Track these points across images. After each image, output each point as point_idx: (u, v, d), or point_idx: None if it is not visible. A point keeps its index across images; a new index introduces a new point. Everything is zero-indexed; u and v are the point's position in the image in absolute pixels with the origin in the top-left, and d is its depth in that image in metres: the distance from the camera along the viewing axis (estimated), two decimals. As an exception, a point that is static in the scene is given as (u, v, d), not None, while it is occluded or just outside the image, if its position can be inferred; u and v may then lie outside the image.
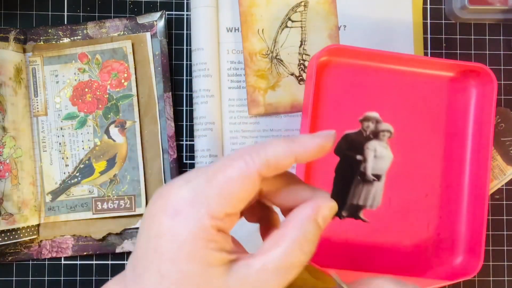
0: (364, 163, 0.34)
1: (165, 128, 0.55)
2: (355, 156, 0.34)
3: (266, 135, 0.56)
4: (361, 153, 0.34)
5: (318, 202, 0.32)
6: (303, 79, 0.56)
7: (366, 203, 0.34)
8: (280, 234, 0.31)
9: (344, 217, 0.34)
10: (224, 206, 0.30)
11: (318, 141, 0.32)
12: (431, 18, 0.58)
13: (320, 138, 0.32)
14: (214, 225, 0.30)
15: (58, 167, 0.55)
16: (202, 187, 0.30)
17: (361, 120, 0.34)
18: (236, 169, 0.30)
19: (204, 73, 0.54)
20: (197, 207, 0.30)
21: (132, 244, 0.54)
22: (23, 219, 0.53)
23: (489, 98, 0.52)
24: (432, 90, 0.53)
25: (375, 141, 0.34)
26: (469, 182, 0.53)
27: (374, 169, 0.34)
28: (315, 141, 0.32)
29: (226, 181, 0.30)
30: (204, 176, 0.31)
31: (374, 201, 0.35)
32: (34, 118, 0.55)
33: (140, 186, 0.54)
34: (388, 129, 0.33)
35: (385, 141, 0.34)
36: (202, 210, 0.30)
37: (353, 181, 0.34)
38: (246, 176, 0.30)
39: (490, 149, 0.51)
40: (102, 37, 0.55)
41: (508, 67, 0.59)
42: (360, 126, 0.34)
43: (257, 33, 0.56)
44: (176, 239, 0.29)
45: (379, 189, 0.34)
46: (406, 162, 0.52)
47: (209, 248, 0.30)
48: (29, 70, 0.55)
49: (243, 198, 0.30)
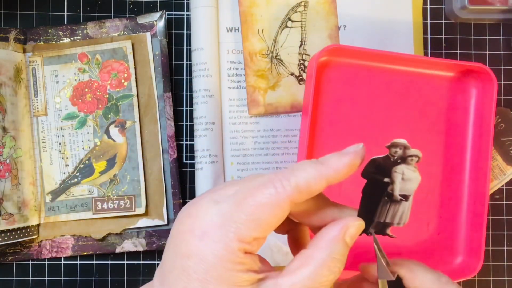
0: (391, 184, 0.34)
1: (165, 128, 0.55)
2: (382, 179, 0.34)
3: (266, 135, 0.56)
4: (389, 176, 0.34)
5: (346, 221, 0.32)
6: (303, 79, 0.56)
7: (393, 221, 0.35)
8: (308, 254, 0.31)
9: (371, 234, 0.35)
10: (253, 231, 0.30)
11: (347, 160, 0.32)
12: (431, 18, 0.58)
13: (349, 156, 0.32)
14: (242, 248, 0.30)
15: (58, 167, 0.55)
16: (231, 210, 0.30)
17: (388, 147, 0.34)
18: (266, 196, 0.30)
19: (204, 73, 0.54)
20: (225, 230, 0.30)
21: (132, 244, 0.54)
22: (23, 219, 0.53)
23: (489, 98, 0.52)
24: (432, 90, 0.53)
25: (403, 165, 0.34)
26: (469, 182, 0.53)
27: (401, 190, 0.34)
28: (345, 161, 0.32)
29: (256, 207, 0.30)
30: (233, 199, 0.31)
31: (401, 219, 0.35)
32: (34, 118, 0.55)
33: (140, 186, 0.54)
34: (417, 154, 0.34)
35: (413, 165, 0.34)
36: (230, 234, 0.30)
37: (380, 201, 0.35)
38: (276, 203, 0.30)
39: (490, 149, 0.51)
40: (102, 37, 0.55)
41: (508, 67, 0.59)
42: (388, 152, 0.34)
43: (257, 33, 0.56)
44: (204, 261, 0.30)
45: (406, 208, 0.35)
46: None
47: (237, 270, 0.30)
48: (29, 70, 0.55)
49: (272, 223, 0.31)
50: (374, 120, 0.52)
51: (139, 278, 0.55)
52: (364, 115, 0.52)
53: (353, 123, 0.52)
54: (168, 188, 0.54)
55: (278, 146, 0.56)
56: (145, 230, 0.54)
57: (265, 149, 0.56)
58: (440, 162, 0.54)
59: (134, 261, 0.55)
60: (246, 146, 0.56)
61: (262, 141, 0.56)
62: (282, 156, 0.56)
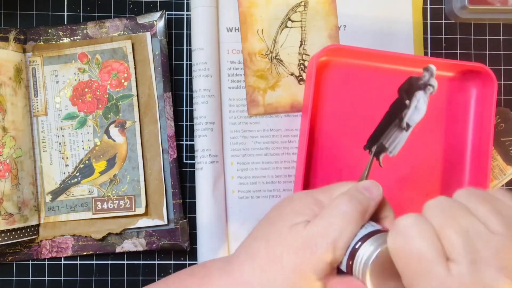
0: (406, 109, 0.38)
1: (165, 128, 0.55)
2: (405, 99, 0.38)
3: (266, 135, 0.56)
4: (410, 99, 0.38)
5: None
6: (303, 79, 0.56)
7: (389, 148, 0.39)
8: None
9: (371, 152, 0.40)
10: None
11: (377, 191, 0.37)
12: (431, 18, 0.58)
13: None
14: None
15: (58, 167, 0.55)
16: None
17: (424, 69, 0.38)
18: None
19: (204, 73, 0.54)
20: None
21: (132, 244, 0.54)
22: (23, 219, 0.53)
23: (489, 98, 0.52)
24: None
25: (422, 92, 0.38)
26: (469, 182, 0.53)
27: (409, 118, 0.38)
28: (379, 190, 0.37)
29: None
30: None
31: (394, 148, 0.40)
32: (34, 118, 0.55)
33: (140, 186, 0.54)
34: (433, 85, 0.38)
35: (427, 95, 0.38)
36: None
37: (392, 122, 0.39)
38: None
39: (490, 149, 0.51)
40: (102, 37, 0.55)
41: (508, 67, 0.59)
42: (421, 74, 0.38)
43: (256, 33, 0.56)
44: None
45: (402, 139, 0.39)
46: (406, 162, 0.52)
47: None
48: (29, 70, 0.55)
49: None
50: (374, 120, 0.52)
51: (139, 278, 0.55)
52: (364, 115, 0.52)
53: (353, 123, 0.52)
54: (168, 188, 0.54)
55: (278, 146, 0.56)
56: (145, 230, 0.54)
57: (265, 149, 0.56)
58: (440, 162, 0.54)
59: (134, 261, 0.55)
60: (246, 146, 0.56)
61: (262, 141, 0.56)
62: (282, 156, 0.56)
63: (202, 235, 0.54)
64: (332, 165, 0.52)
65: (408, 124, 0.38)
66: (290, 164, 0.56)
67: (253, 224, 0.40)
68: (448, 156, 0.54)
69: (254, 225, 0.39)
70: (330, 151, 0.52)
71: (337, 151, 0.52)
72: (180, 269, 0.55)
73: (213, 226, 0.53)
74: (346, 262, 0.34)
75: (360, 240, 0.34)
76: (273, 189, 0.55)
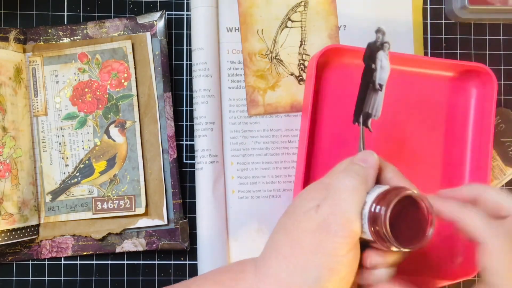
0: (374, 72, 0.40)
1: (165, 128, 0.55)
2: (371, 64, 0.40)
3: (266, 135, 0.56)
4: (374, 62, 0.40)
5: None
6: (303, 79, 0.56)
7: (373, 112, 0.42)
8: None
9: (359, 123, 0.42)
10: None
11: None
12: (431, 18, 0.58)
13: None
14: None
15: (58, 167, 0.55)
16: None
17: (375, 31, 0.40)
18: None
19: (204, 73, 0.54)
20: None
21: (132, 244, 0.54)
22: (23, 219, 0.53)
23: (489, 98, 0.52)
24: (432, 90, 0.53)
25: (381, 52, 0.40)
26: (469, 182, 0.53)
27: (379, 79, 0.41)
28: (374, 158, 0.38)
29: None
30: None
31: (377, 111, 0.42)
32: (34, 118, 0.55)
33: (140, 186, 0.54)
34: (388, 41, 0.40)
35: (387, 52, 0.40)
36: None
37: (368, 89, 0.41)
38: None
39: (490, 149, 0.51)
40: (102, 37, 0.55)
41: (508, 67, 0.59)
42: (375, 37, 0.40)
43: (256, 33, 0.56)
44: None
45: (380, 99, 0.41)
46: (406, 162, 0.52)
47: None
48: (29, 70, 0.55)
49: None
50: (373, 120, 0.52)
51: (139, 278, 0.55)
52: (364, 115, 0.52)
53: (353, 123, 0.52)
54: (168, 188, 0.54)
55: (278, 146, 0.56)
56: (145, 230, 0.54)
57: (265, 149, 0.56)
58: (440, 162, 0.54)
59: (134, 261, 0.55)
60: (246, 146, 0.56)
61: (262, 141, 0.56)
62: (282, 156, 0.56)
63: (202, 235, 0.54)
64: (332, 164, 0.52)
65: (380, 84, 0.41)
66: (290, 164, 0.56)
67: (253, 224, 0.40)
68: (448, 156, 0.54)
69: (254, 225, 0.39)
70: (330, 150, 0.52)
71: (337, 151, 0.52)
72: (179, 269, 0.56)
73: (213, 226, 0.53)
74: (369, 230, 0.35)
75: (373, 202, 0.35)
76: (273, 189, 0.55)
